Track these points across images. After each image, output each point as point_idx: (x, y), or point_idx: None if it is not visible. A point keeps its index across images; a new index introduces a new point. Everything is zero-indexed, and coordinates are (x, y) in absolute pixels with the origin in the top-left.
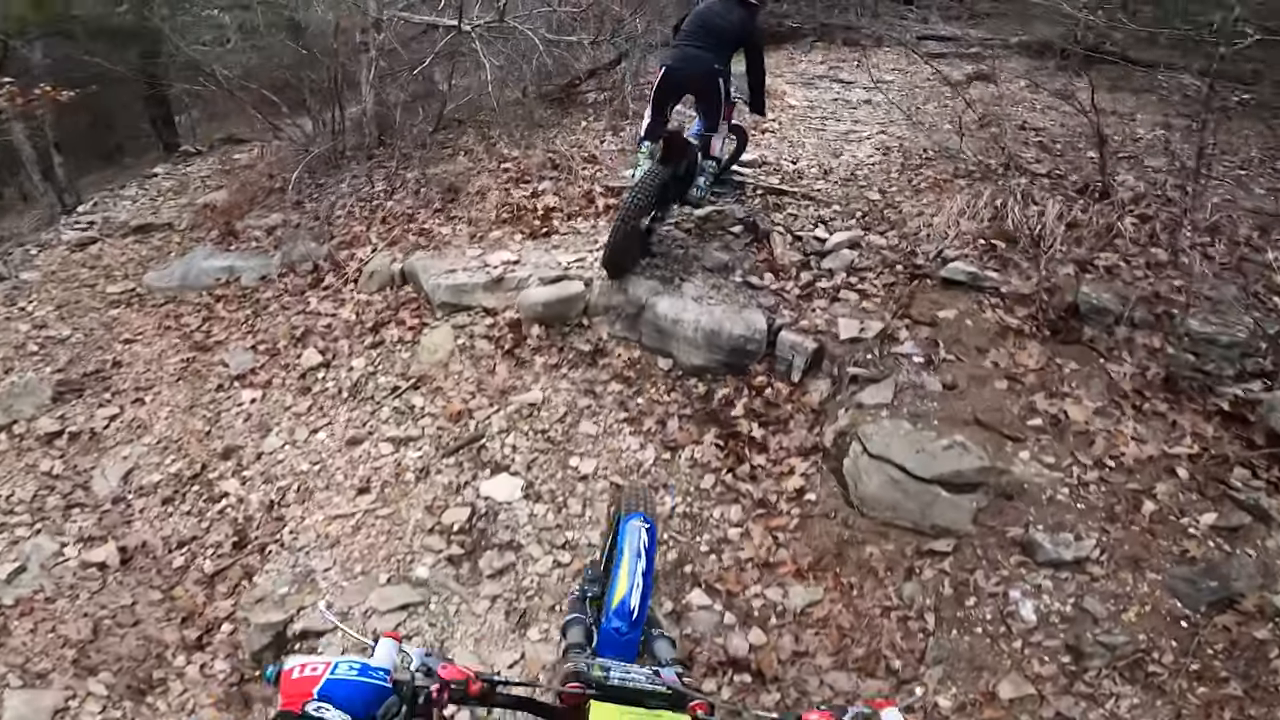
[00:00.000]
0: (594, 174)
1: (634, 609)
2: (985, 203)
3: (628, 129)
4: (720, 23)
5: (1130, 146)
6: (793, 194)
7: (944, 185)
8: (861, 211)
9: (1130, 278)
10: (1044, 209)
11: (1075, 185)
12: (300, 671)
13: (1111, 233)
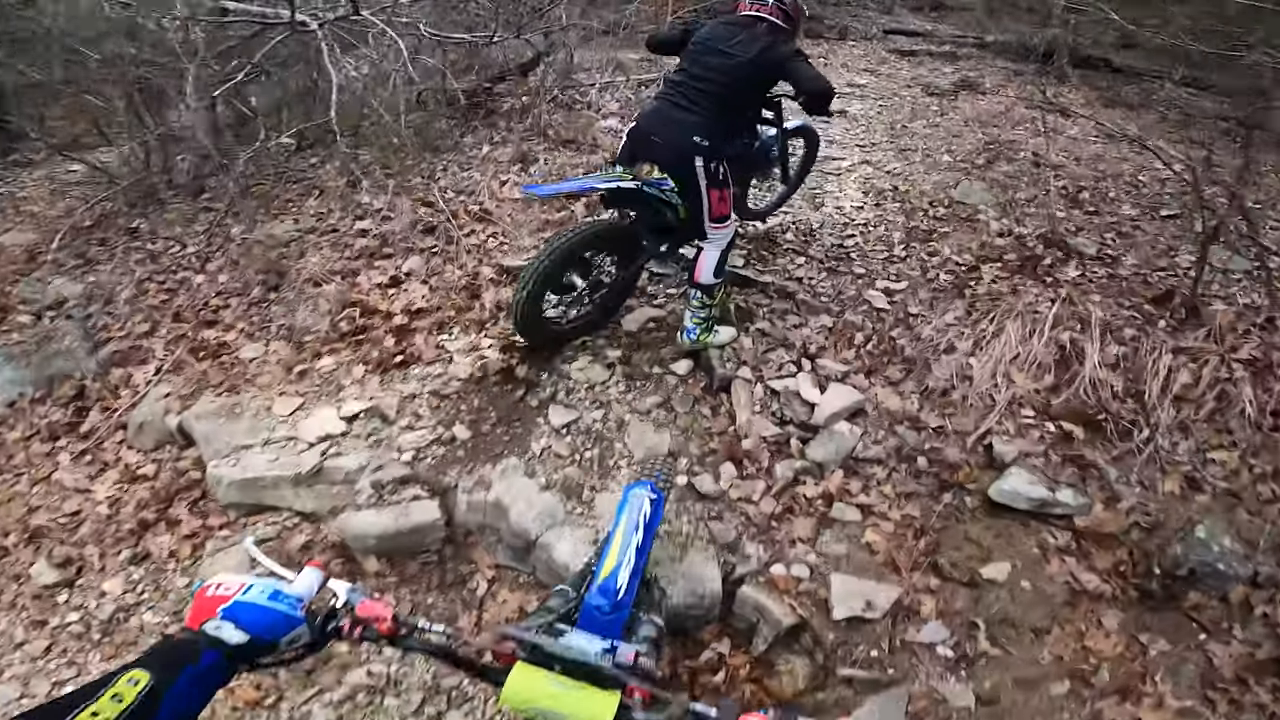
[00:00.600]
0: (485, 242)
1: (620, 587)
2: (1044, 341)
3: (544, 159)
4: (721, 61)
5: (1166, 192)
6: (763, 286)
7: (973, 281)
8: (864, 334)
9: (1256, 500)
10: (1133, 354)
11: (1140, 280)
12: (214, 590)
13: (1225, 404)
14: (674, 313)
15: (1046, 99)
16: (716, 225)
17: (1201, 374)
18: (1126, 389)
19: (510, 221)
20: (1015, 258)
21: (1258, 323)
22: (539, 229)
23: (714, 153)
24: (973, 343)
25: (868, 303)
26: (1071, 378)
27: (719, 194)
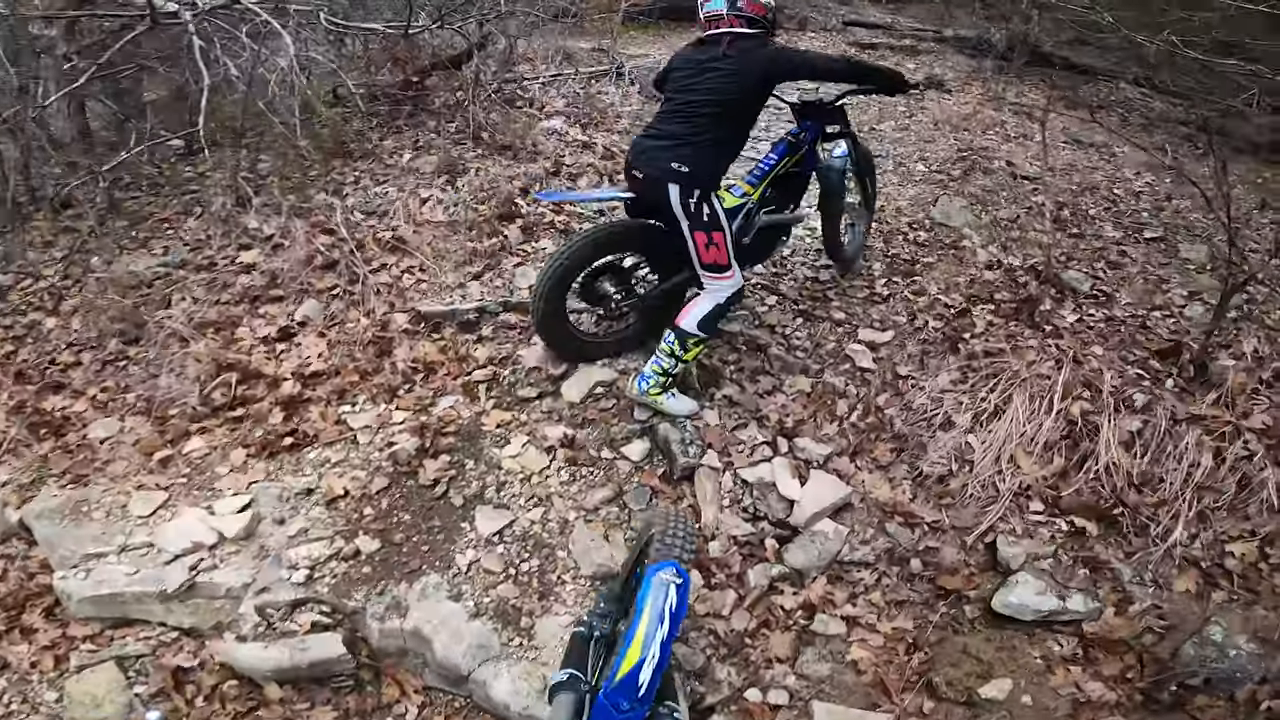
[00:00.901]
0: (399, 280)
1: (643, 684)
2: (1053, 415)
3: (475, 169)
4: (698, 80)
5: (1143, 208)
6: (729, 336)
7: (965, 331)
8: (847, 401)
9: (1273, 593)
10: (1147, 429)
11: (1139, 324)
12: None
13: (1245, 487)
14: (628, 372)
15: (1020, 106)
16: (711, 275)
17: (1224, 455)
18: (1143, 476)
19: (431, 252)
20: (1008, 297)
21: (1264, 378)
22: (465, 261)
23: (694, 184)
24: (972, 416)
25: (850, 359)
26: (1082, 459)
27: (704, 236)
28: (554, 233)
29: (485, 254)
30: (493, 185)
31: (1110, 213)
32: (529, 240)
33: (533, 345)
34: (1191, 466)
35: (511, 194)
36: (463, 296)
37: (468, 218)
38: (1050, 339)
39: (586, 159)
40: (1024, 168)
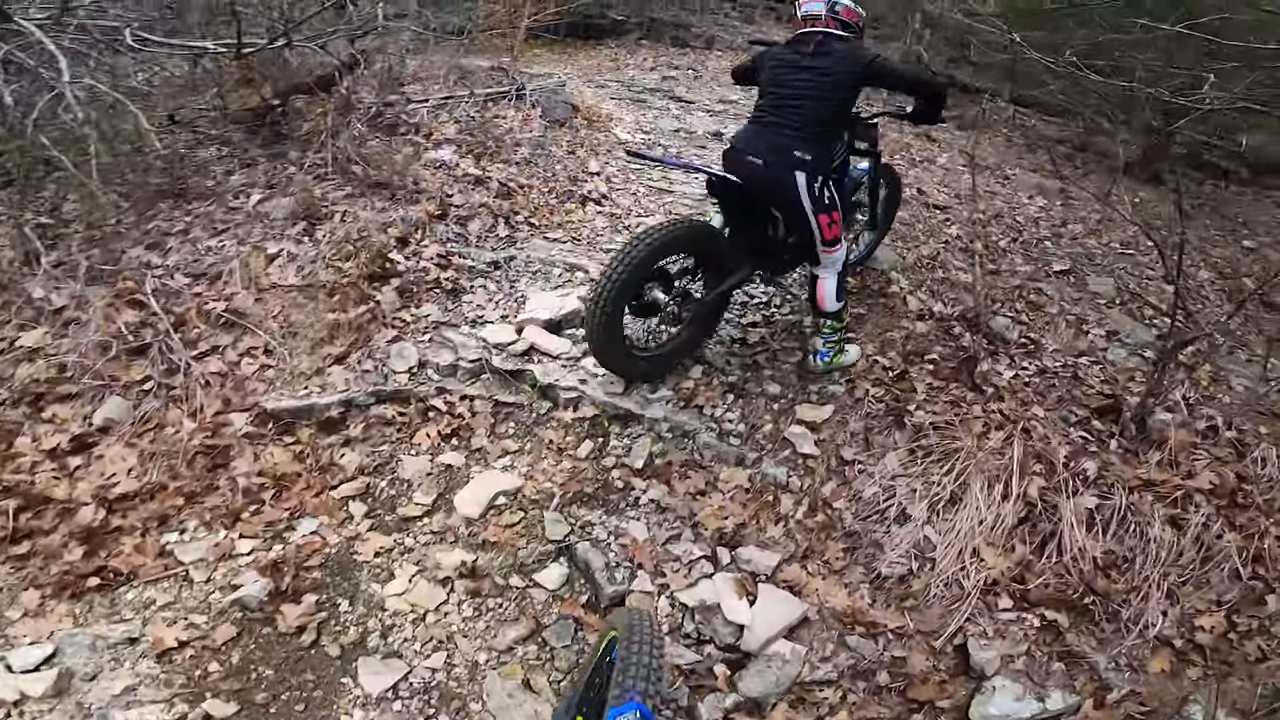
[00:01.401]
0: (237, 366)
1: None
2: (1012, 502)
3: (339, 216)
4: (803, 75)
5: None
6: (650, 423)
7: (908, 400)
8: (791, 496)
9: (1245, 661)
10: (1106, 507)
11: (1071, 375)
12: None
13: (1207, 557)
14: (533, 476)
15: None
16: (829, 249)
17: (1180, 524)
18: (1108, 558)
19: (279, 328)
20: (945, 353)
21: (1200, 429)
22: (325, 338)
23: (816, 170)
24: (928, 506)
25: (790, 444)
26: (1044, 542)
27: (827, 218)
28: (439, 295)
29: (351, 327)
30: (362, 235)
31: (1018, 243)
32: (408, 305)
33: (414, 453)
34: (1153, 544)
35: (385, 246)
36: (322, 387)
37: (328, 279)
38: (992, 401)
39: (479, 197)
40: (934, 195)
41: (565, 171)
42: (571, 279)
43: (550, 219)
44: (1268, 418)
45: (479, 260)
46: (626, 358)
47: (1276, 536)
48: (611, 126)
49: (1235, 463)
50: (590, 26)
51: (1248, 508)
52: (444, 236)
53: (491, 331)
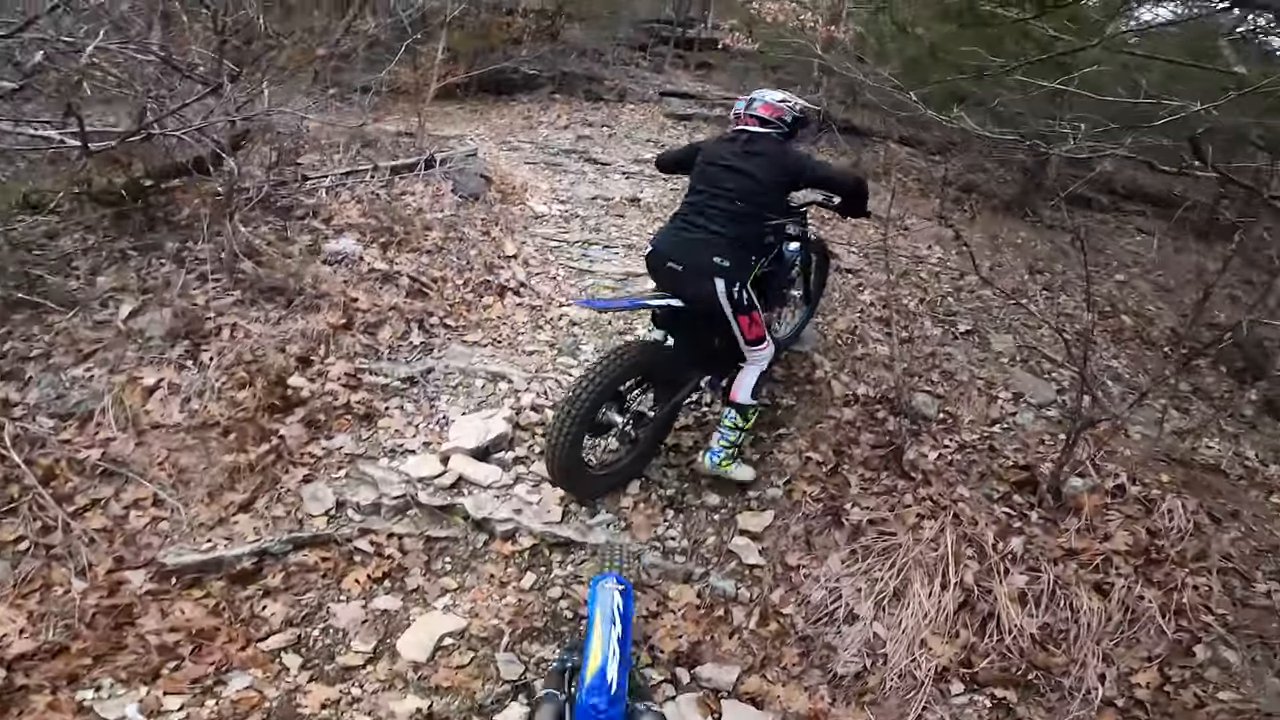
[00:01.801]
0: (124, 520)
1: (612, 681)
2: (951, 590)
3: (227, 332)
4: (733, 175)
5: (945, 290)
6: (593, 549)
7: (844, 499)
8: (743, 608)
9: (1184, 710)
10: (1036, 583)
11: (988, 448)
12: None
13: (1133, 617)
14: (479, 614)
15: None
16: (754, 348)
17: (1104, 588)
18: (1044, 631)
19: (169, 475)
20: (872, 441)
21: (1109, 489)
22: (224, 484)
23: (735, 275)
24: (874, 604)
25: (735, 555)
26: (984, 622)
27: (747, 319)
28: (352, 422)
29: (253, 469)
30: (256, 356)
31: (925, 304)
32: (317, 438)
33: (345, 600)
34: (1083, 613)
35: (284, 370)
36: (229, 538)
37: (221, 415)
38: (921, 487)
39: (388, 298)
40: (844, 257)
41: (480, 258)
42: (495, 391)
43: (467, 317)
44: (1167, 465)
45: (393, 376)
46: (586, 480)
47: (1194, 587)
48: (527, 198)
49: (1145, 518)
50: (502, 82)
51: (1162, 563)
52: (351, 350)
53: (414, 464)
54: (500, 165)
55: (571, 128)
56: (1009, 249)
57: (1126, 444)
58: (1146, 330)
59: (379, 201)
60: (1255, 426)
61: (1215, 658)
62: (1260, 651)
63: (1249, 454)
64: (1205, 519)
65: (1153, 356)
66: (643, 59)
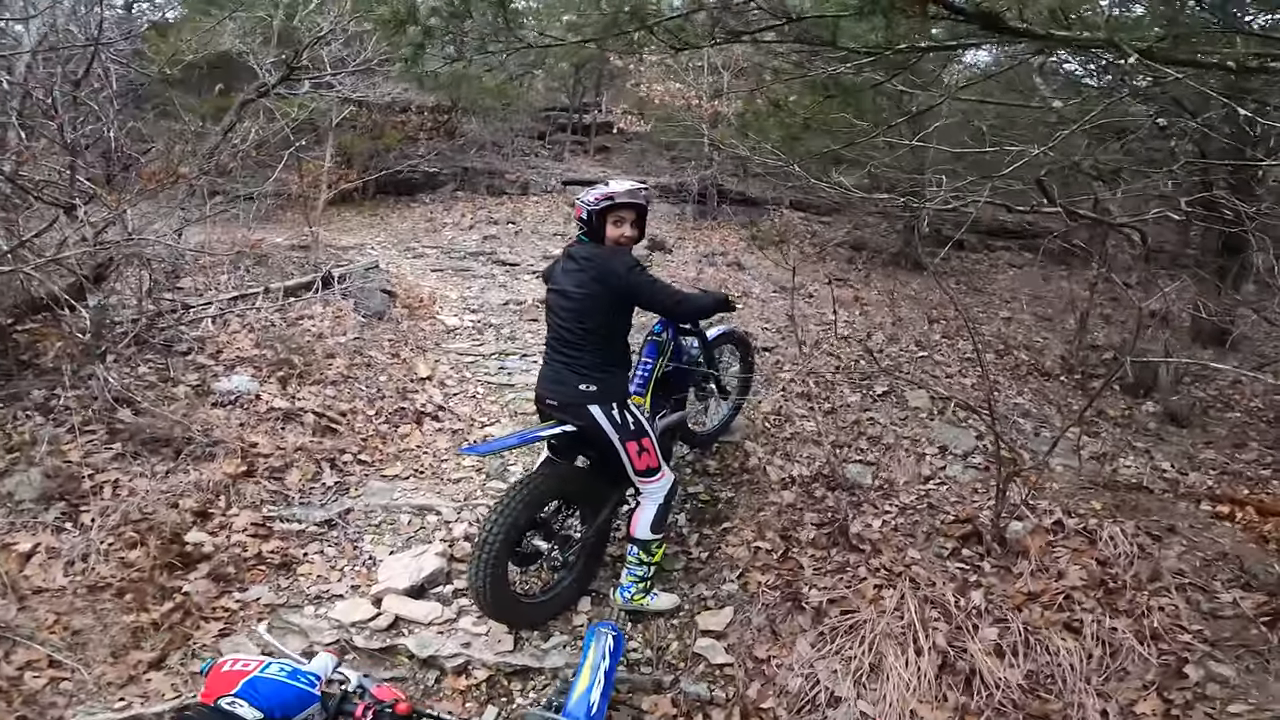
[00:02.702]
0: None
1: (594, 704)
2: (926, 656)
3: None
4: (565, 301)
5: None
6: (553, 672)
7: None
8: (723, 711)
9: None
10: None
11: (926, 507)
12: (230, 665)
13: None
14: None
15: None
16: (645, 479)
17: (1075, 627)
18: (1030, 679)
19: (63, 635)
20: (816, 520)
21: (1048, 526)
22: (130, 644)
23: (609, 397)
24: (853, 682)
25: (702, 657)
26: (967, 680)
27: (635, 445)
28: (268, 572)
29: (158, 627)
30: (145, 514)
31: (840, 371)
32: (229, 591)
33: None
34: (1062, 654)
35: (179, 526)
36: (144, 695)
37: (111, 576)
38: (873, 557)
39: (293, 438)
40: (759, 335)
41: (392, 383)
42: (424, 525)
43: (384, 450)
44: (1095, 490)
45: (307, 521)
46: (523, 611)
47: (1160, 609)
48: (436, 310)
49: (1090, 549)
50: (401, 183)
51: (1121, 591)
52: (256, 499)
53: (344, 609)
54: (405, 276)
55: (477, 227)
56: (905, 301)
57: (1051, 477)
58: (1040, 362)
59: (274, 329)
60: (1161, 438)
61: (1210, 674)
62: (1251, 660)
63: (1164, 466)
64: (1146, 539)
65: (1052, 386)
66: (542, 148)
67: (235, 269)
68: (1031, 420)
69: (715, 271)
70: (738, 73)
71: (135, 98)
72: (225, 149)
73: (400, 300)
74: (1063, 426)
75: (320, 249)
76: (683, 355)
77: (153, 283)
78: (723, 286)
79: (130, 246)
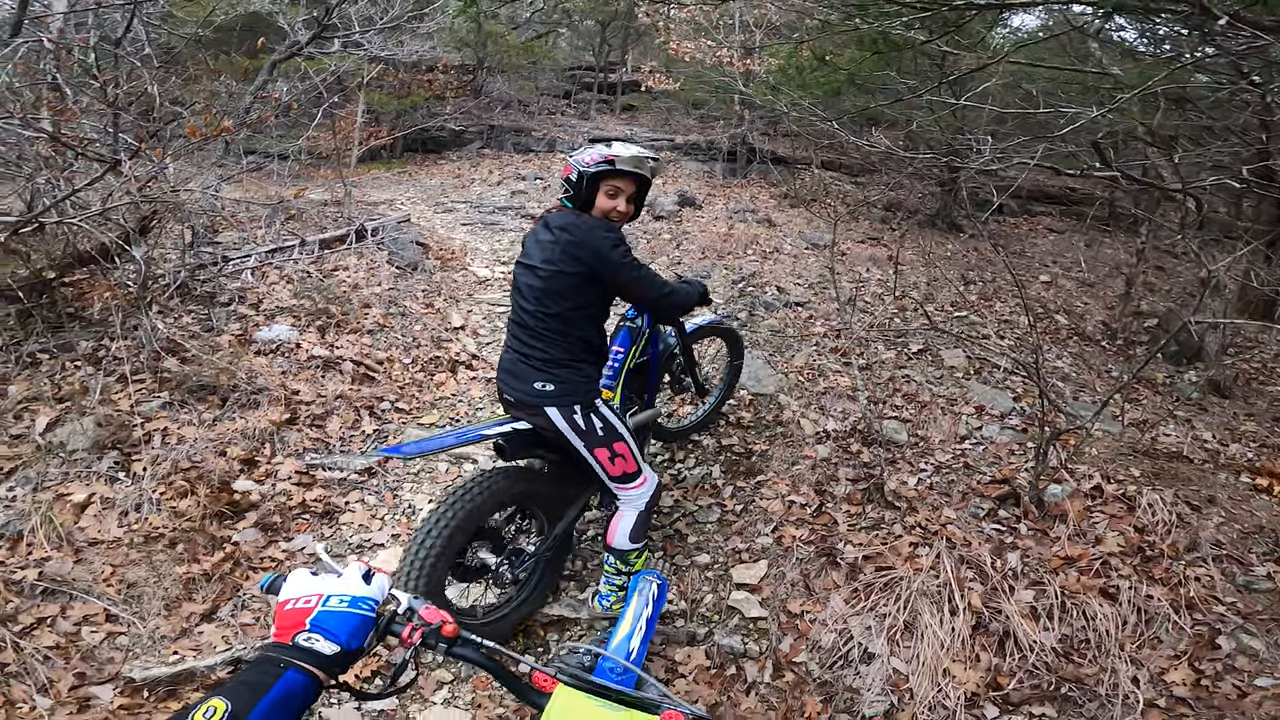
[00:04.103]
0: (78, 636)
1: (633, 649)
2: (961, 616)
3: (159, 437)
4: (533, 280)
5: (891, 311)
6: (580, 624)
7: (833, 536)
8: (754, 663)
9: (1226, 700)
10: (1043, 595)
11: (963, 466)
12: (293, 604)
13: (1149, 619)
14: (484, 707)
15: (759, 214)
16: (623, 486)
17: (1110, 592)
18: (1064, 643)
19: (119, 588)
20: (851, 475)
21: (1087, 491)
22: (181, 595)
23: (569, 398)
24: (887, 639)
25: (737, 610)
26: (1001, 642)
27: (606, 451)
28: (312, 521)
29: (210, 578)
30: (195, 462)
31: (875, 330)
32: (275, 541)
33: (335, 704)
34: (1097, 619)
35: (227, 474)
36: (196, 649)
37: (163, 526)
38: (908, 515)
39: (333, 386)
40: (792, 291)
41: (427, 332)
42: (461, 474)
43: (421, 398)
44: (1135, 458)
45: (348, 469)
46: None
47: (1195, 579)
48: (468, 262)
49: (1129, 516)
50: (429, 140)
51: (1159, 559)
52: (300, 446)
53: (385, 558)
54: (436, 229)
55: (505, 183)
56: (941, 262)
57: (1091, 443)
58: (1081, 327)
59: (311, 280)
60: (1204, 408)
61: (1241, 646)
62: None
63: (1206, 436)
64: (1185, 509)
65: (1093, 351)
66: (568, 106)
67: (270, 223)
68: (1070, 385)
69: (746, 227)
70: (769, 30)
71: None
72: (258, 107)
73: (432, 252)
74: (1108, 391)
75: (352, 204)
76: (659, 345)
77: (194, 236)
78: (753, 243)
79: (172, 199)
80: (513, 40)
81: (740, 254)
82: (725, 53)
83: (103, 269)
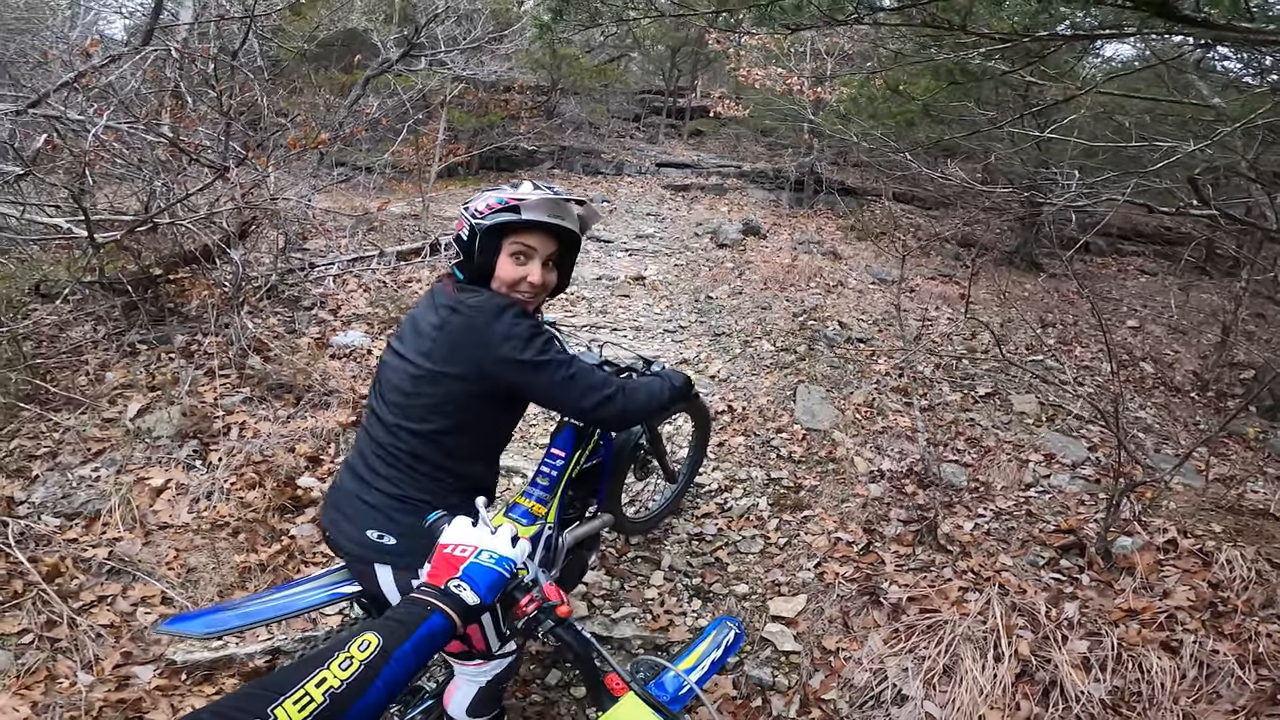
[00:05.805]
0: (132, 616)
1: (685, 686)
2: (1006, 660)
3: (236, 432)
4: (401, 379)
5: (959, 352)
6: (611, 643)
7: (879, 576)
8: (782, 698)
9: None
10: (1097, 646)
11: (1025, 514)
12: (453, 549)
13: (1210, 674)
14: None
15: (823, 247)
16: (460, 661)
17: (1173, 646)
18: (1115, 696)
19: (179, 572)
20: (903, 516)
21: (1159, 545)
22: (234, 583)
23: (413, 559)
24: (923, 683)
25: (770, 643)
26: (1045, 692)
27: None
28: None
29: (264, 568)
30: (265, 456)
31: (941, 369)
32: None
33: None
34: (1154, 672)
35: (294, 470)
36: (238, 638)
37: (230, 516)
38: (960, 559)
39: None
40: (855, 326)
41: None
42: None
43: None
44: (1216, 513)
45: None
46: None
47: (1268, 635)
48: None
49: (1204, 571)
50: (502, 159)
51: (1230, 615)
52: None
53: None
54: None
55: None
56: (1017, 302)
57: (1170, 496)
58: (1169, 376)
59: (385, 290)
60: None
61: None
62: None
63: None
64: (1266, 565)
65: (1180, 402)
66: (637, 130)
67: (354, 234)
68: (1152, 436)
69: (810, 259)
70: (841, 59)
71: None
72: (351, 121)
73: None
74: (1192, 444)
75: (429, 218)
76: (611, 446)
77: (286, 242)
78: (817, 275)
79: (269, 206)
80: (586, 63)
81: (803, 286)
82: (795, 80)
83: (203, 269)
